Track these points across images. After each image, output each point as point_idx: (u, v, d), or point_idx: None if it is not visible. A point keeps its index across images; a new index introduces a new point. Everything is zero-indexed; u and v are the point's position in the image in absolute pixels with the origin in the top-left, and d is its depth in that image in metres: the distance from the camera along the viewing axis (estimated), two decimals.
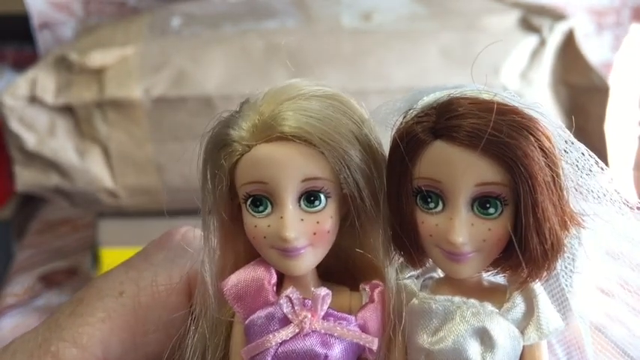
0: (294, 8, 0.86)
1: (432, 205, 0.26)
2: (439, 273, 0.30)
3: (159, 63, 0.75)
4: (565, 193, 0.26)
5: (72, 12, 1.08)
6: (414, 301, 0.28)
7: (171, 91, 0.74)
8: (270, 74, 0.76)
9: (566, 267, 0.29)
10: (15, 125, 0.74)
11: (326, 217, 0.28)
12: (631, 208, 0.28)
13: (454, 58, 0.77)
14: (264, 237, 0.28)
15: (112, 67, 0.75)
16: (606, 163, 0.73)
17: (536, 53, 0.78)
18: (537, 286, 0.27)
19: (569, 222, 0.26)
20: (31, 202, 1.04)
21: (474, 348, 0.26)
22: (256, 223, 0.28)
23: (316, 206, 0.28)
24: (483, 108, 0.25)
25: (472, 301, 0.27)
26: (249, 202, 0.28)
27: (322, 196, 0.28)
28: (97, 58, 0.75)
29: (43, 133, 0.75)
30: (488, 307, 0.27)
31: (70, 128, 0.76)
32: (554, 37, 0.78)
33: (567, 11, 0.89)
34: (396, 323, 0.28)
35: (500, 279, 0.29)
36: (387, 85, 0.74)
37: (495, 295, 0.28)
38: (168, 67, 0.75)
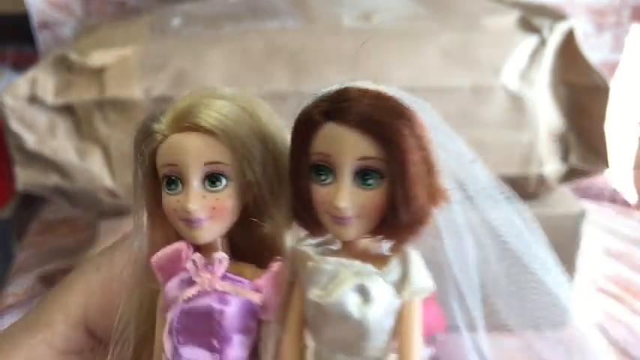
0: (294, 8, 0.86)
1: (323, 177, 0.31)
2: (337, 245, 0.34)
3: (159, 63, 0.75)
4: (434, 170, 0.31)
5: (72, 12, 1.08)
6: (310, 263, 0.32)
7: (171, 91, 0.74)
8: (270, 74, 0.76)
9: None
10: (15, 125, 0.75)
11: (225, 197, 0.33)
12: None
13: (454, 58, 0.77)
14: (174, 210, 0.33)
15: (112, 67, 0.75)
16: (606, 163, 0.73)
17: (536, 53, 0.78)
18: (413, 253, 0.32)
19: (437, 196, 0.31)
20: (31, 202, 1.05)
21: (353, 300, 0.31)
22: (169, 199, 0.33)
23: (217, 187, 0.33)
24: (370, 95, 0.31)
25: (357, 262, 0.32)
26: (165, 183, 0.34)
27: (223, 179, 0.33)
28: (97, 58, 0.75)
29: (43, 133, 0.75)
30: (370, 267, 0.31)
31: (70, 128, 0.76)
32: (554, 37, 0.78)
33: (567, 11, 0.89)
34: (294, 283, 0.33)
35: (386, 249, 0.34)
36: (387, 85, 0.74)
37: (379, 260, 0.32)
38: (169, 67, 0.75)
